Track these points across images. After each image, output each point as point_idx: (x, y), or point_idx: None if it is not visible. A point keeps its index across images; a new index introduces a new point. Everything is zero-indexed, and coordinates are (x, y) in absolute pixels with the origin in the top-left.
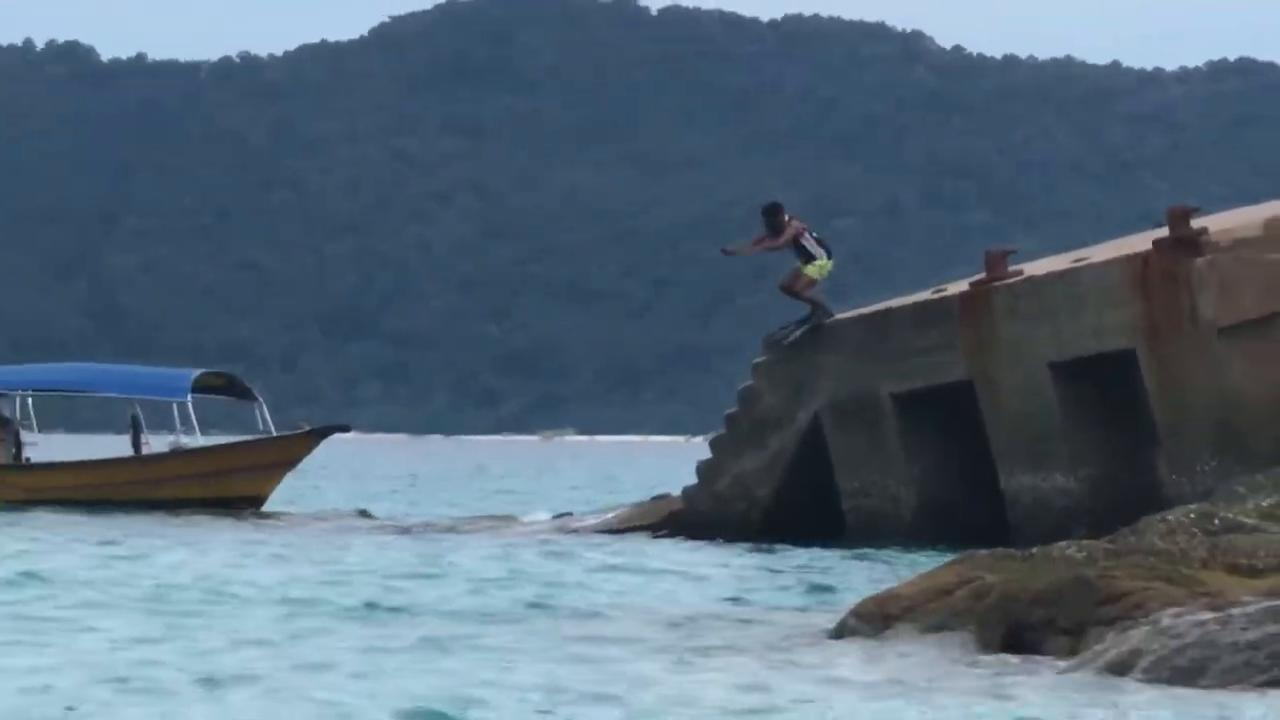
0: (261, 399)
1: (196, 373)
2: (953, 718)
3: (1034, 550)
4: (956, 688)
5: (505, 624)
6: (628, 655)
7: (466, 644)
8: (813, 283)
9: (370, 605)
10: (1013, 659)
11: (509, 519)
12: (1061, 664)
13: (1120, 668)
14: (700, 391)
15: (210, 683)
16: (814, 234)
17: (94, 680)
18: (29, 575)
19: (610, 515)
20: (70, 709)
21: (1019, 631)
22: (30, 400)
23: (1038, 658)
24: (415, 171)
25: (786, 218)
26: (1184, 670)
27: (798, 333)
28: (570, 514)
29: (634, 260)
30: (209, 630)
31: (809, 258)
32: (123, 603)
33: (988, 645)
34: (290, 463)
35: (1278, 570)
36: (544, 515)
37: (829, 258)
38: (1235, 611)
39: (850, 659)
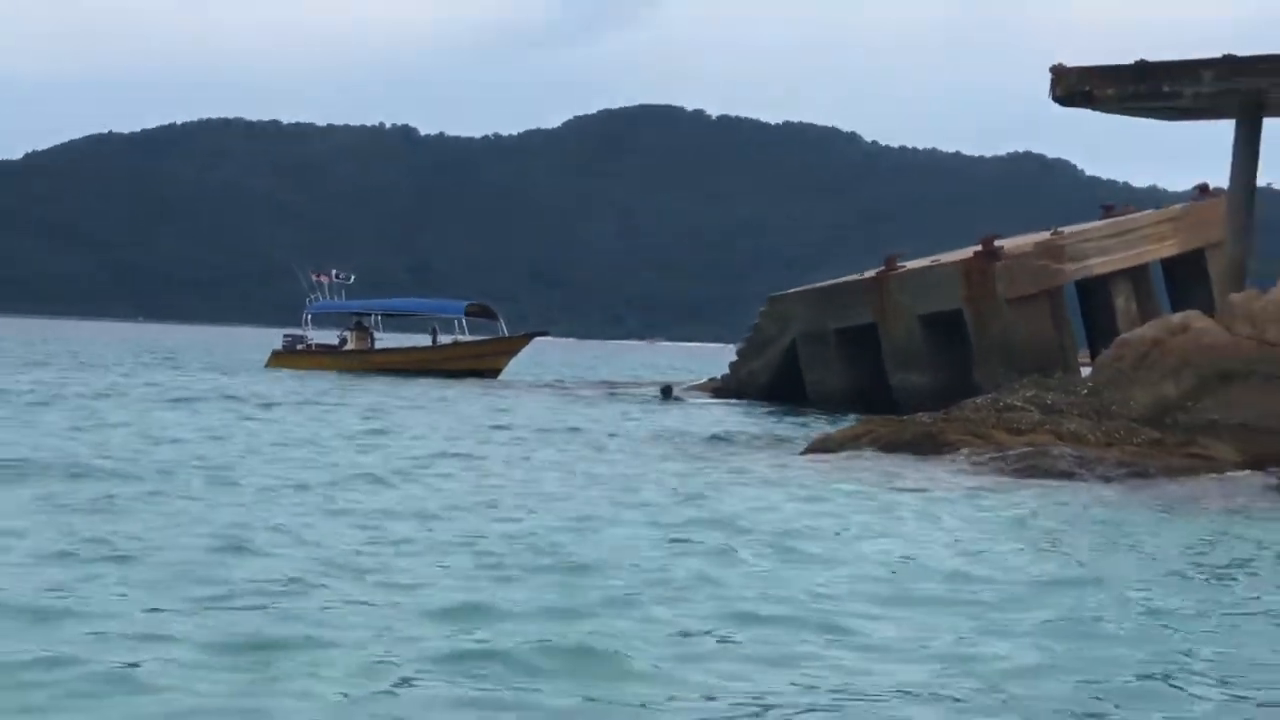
0: (501, 318)
1: (467, 303)
2: (852, 487)
3: (905, 417)
4: (861, 476)
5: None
6: (678, 454)
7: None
8: None
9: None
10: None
11: (628, 384)
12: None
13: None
14: (738, 320)
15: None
16: None
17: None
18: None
19: (687, 384)
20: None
21: None
22: (379, 317)
23: None
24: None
25: None
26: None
27: None
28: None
29: (707, 254)
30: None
31: None
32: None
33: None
34: (515, 351)
35: (1032, 430)
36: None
37: None
38: (1010, 452)
39: (804, 464)
